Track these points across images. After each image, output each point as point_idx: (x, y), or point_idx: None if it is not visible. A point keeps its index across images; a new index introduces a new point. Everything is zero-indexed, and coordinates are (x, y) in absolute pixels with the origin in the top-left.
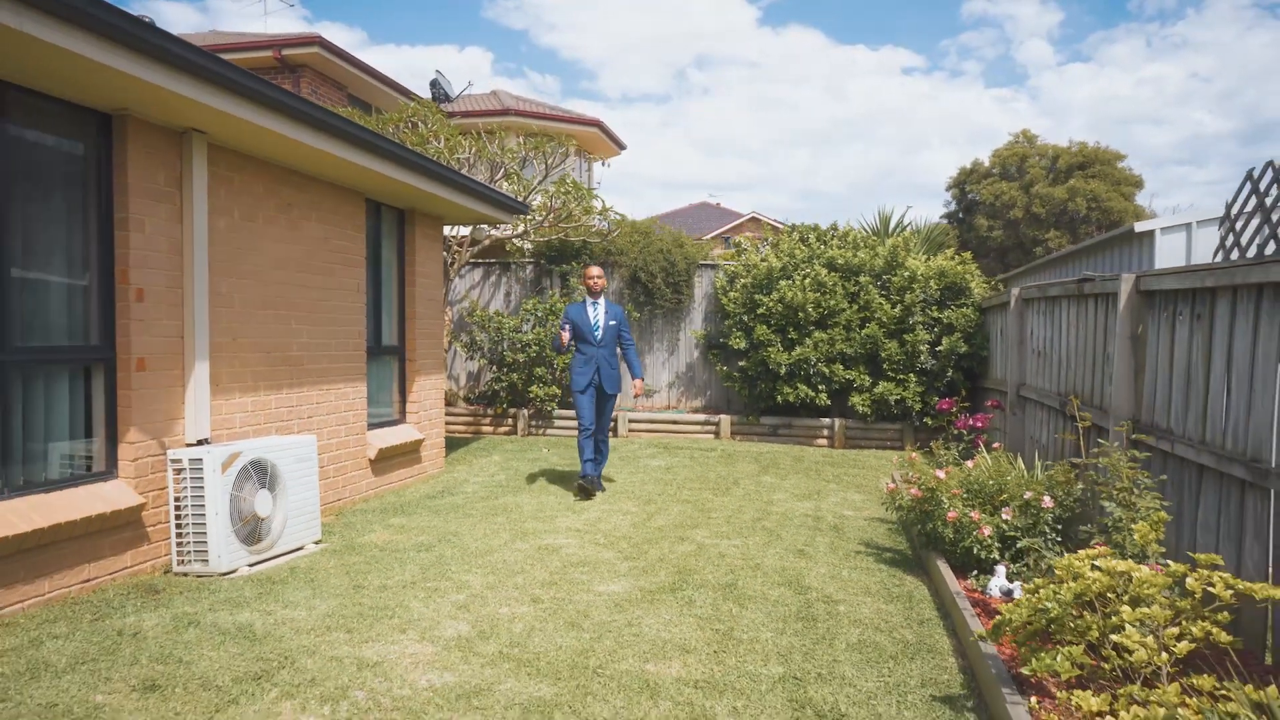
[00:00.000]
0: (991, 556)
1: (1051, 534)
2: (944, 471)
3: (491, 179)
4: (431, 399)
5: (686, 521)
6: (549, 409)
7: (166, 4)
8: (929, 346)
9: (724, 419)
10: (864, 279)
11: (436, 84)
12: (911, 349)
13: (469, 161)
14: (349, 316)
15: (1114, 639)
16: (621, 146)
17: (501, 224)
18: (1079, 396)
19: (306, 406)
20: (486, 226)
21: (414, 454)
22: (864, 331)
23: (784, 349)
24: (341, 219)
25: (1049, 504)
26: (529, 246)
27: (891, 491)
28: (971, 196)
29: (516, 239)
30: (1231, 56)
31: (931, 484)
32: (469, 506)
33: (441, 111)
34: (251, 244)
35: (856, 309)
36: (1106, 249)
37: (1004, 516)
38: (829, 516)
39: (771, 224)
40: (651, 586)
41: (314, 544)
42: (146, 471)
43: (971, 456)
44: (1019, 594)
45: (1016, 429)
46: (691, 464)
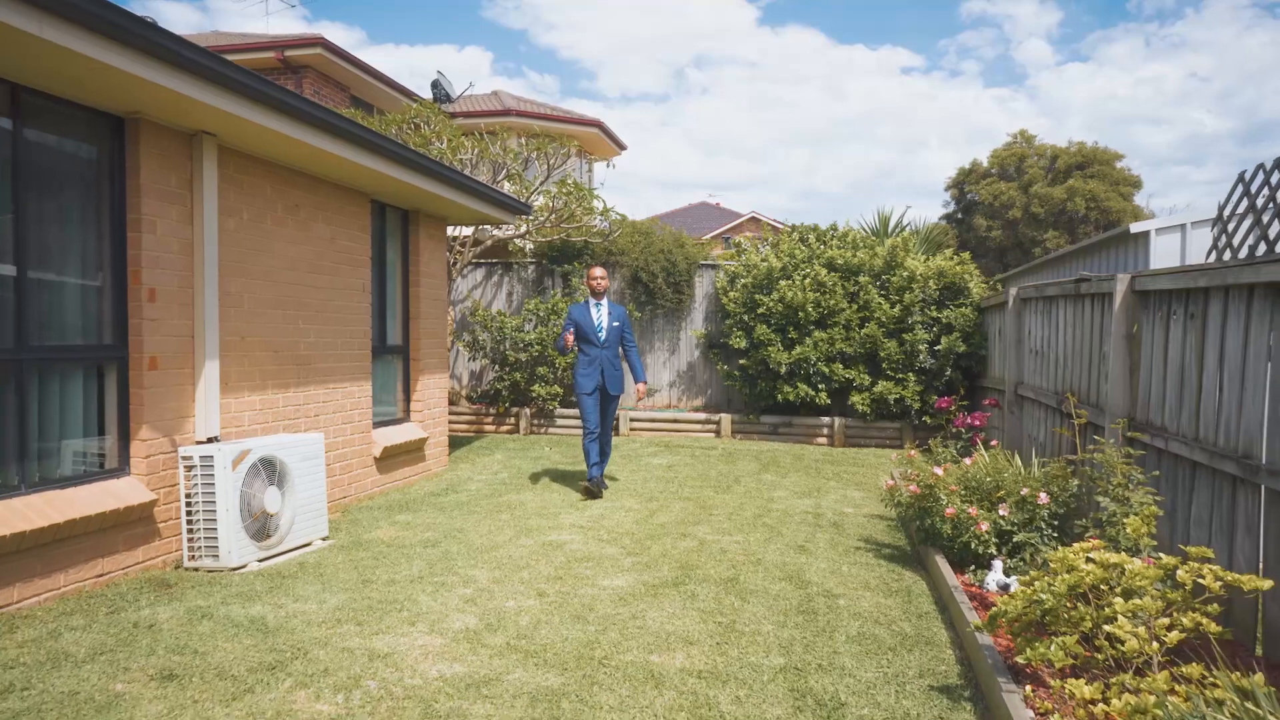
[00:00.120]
0: (989, 551)
1: (1047, 529)
2: (942, 469)
3: (494, 180)
4: (435, 398)
5: (688, 518)
6: (551, 408)
7: (166, 4)
8: (928, 346)
9: (725, 418)
10: (863, 279)
11: (438, 84)
12: (910, 348)
13: (471, 162)
14: (355, 316)
15: (1107, 629)
16: (622, 147)
17: (504, 224)
18: (1076, 395)
19: (313, 405)
20: (489, 227)
21: (418, 452)
22: (863, 331)
23: (784, 348)
24: (348, 220)
25: (1045, 500)
26: (531, 246)
27: (890, 489)
28: (970, 197)
29: (519, 239)
30: (1230, 56)
31: (930, 481)
32: (473, 504)
33: (444, 113)
34: (260, 244)
35: (856, 309)
36: (1103, 249)
37: (1001, 512)
38: (829, 513)
39: (771, 224)
40: (655, 581)
41: (321, 540)
42: (158, 468)
43: (970, 454)
44: (1015, 588)
45: (1014, 427)
46: (693, 462)
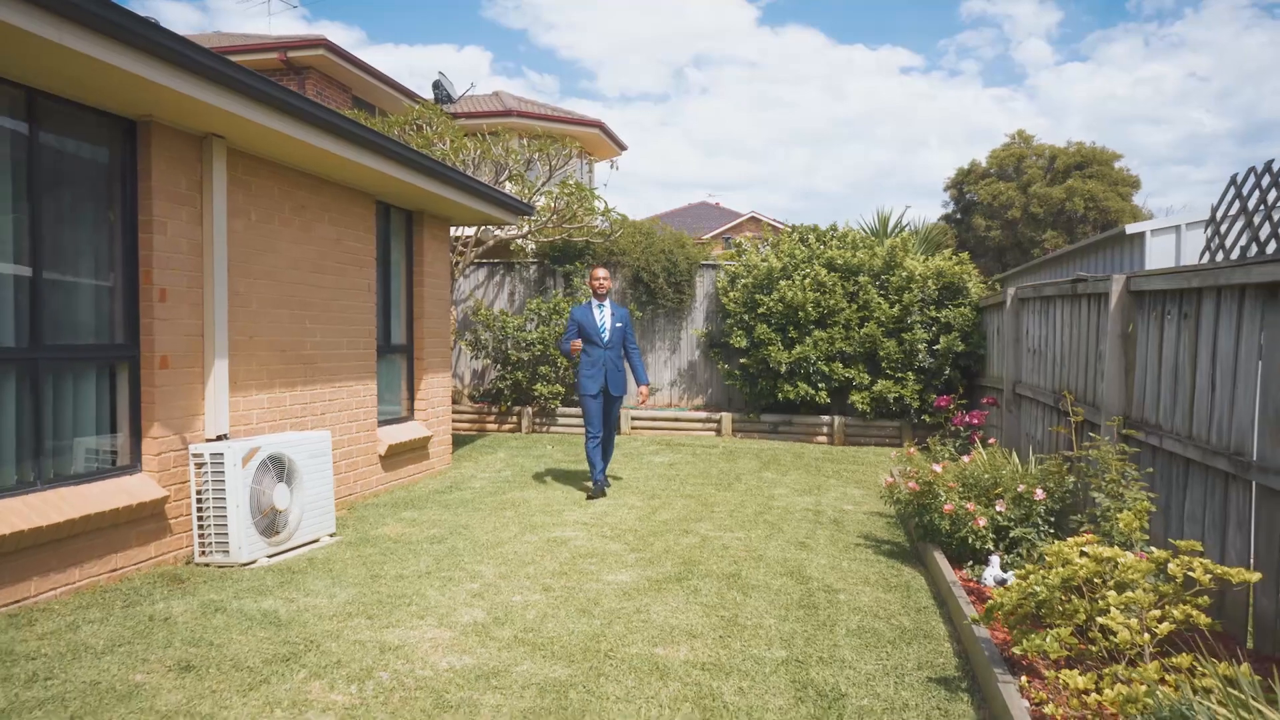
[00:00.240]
0: (986, 547)
1: (1044, 524)
2: (941, 466)
3: (496, 180)
4: (439, 396)
5: (690, 515)
6: (552, 407)
7: (166, 4)
8: (927, 345)
9: (725, 416)
10: (863, 279)
11: (439, 85)
12: (910, 348)
13: (473, 163)
14: (360, 316)
15: (1100, 621)
16: (622, 147)
17: (506, 225)
18: (1072, 393)
19: (320, 403)
20: (491, 227)
21: (422, 450)
22: (863, 330)
23: (784, 348)
24: (353, 220)
25: (1041, 496)
26: (533, 247)
27: (890, 486)
28: (969, 197)
29: (521, 239)
30: (1229, 56)
31: (929, 478)
32: (478, 501)
33: (446, 114)
34: (268, 245)
35: (856, 308)
36: (1100, 250)
37: (998, 508)
38: (829, 510)
39: (771, 224)
40: (658, 576)
41: (329, 536)
42: (169, 466)
43: (968, 452)
44: (1012, 583)
45: (1012, 426)
46: (694, 460)
